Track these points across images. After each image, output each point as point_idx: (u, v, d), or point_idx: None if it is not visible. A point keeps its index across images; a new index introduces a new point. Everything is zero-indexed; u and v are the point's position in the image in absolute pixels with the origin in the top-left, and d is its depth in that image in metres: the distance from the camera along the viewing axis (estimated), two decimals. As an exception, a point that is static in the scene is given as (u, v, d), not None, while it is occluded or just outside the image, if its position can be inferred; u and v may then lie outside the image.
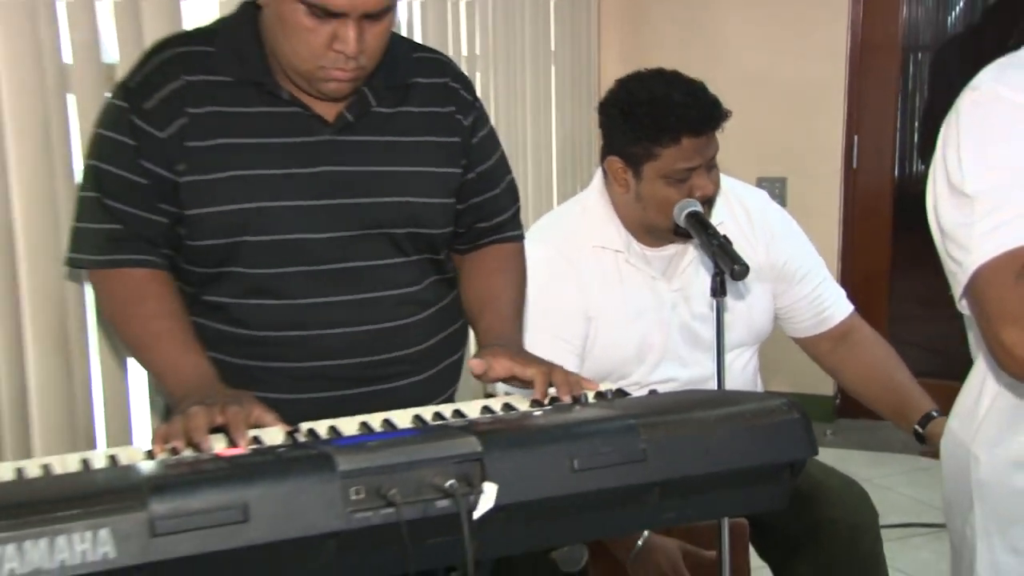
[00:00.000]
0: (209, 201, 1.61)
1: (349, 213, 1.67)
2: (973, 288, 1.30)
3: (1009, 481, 1.41)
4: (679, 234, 2.14)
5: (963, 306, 1.36)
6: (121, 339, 1.66)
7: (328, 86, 1.60)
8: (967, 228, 1.30)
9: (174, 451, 1.30)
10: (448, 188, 1.76)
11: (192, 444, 1.31)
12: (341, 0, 1.50)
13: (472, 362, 1.57)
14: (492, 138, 1.87)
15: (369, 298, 1.69)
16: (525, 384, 1.54)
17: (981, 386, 1.45)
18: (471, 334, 1.89)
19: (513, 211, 1.90)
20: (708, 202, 2.12)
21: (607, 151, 2.19)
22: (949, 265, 1.36)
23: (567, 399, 1.47)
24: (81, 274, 1.92)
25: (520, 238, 1.92)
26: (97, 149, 1.65)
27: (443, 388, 1.81)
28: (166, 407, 1.78)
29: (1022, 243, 1.25)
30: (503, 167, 1.89)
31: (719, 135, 2.15)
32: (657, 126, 2.07)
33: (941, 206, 1.36)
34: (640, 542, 2.02)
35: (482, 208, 1.84)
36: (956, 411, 1.51)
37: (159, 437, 1.34)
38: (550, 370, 1.52)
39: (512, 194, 1.90)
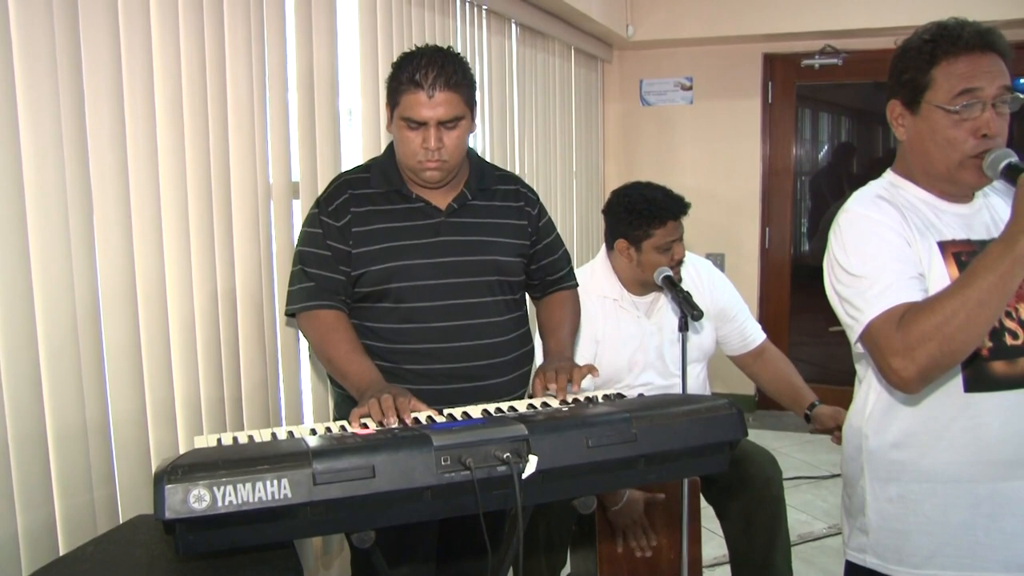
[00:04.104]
0: (370, 263, 1.62)
1: (457, 266, 1.66)
2: (867, 335, 1.27)
3: (886, 455, 1.38)
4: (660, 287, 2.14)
5: (858, 347, 1.33)
6: (319, 355, 1.65)
7: (425, 174, 1.62)
8: (860, 297, 1.29)
9: (381, 424, 1.31)
10: (519, 252, 1.75)
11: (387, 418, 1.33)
12: (421, 113, 1.55)
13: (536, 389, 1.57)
14: (550, 223, 1.86)
15: (472, 324, 1.66)
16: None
17: (866, 397, 1.41)
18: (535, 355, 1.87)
19: (568, 269, 1.89)
20: (680, 263, 2.11)
21: (614, 236, 2.17)
22: (847, 321, 1.33)
23: (577, 389, 1.46)
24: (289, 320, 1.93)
25: (575, 286, 1.90)
26: (302, 239, 1.69)
27: (518, 388, 1.76)
28: (338, 399, 1.79)
29: (896, 303, 1.24)
30: (559, 241, 1.88)
31: (685, 224, 2.16)
32: (652, 215, 2.09)
33: (837, 284, 1.34)
34: (623, 500, 2.00)
35: (548, 267, 1.83)
36: (852, 410, 1.47)
37: (356, 416, 1.35)
38: (569, 369, 1.52)
39: (566, 258, 1.89)
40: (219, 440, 1.24)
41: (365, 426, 1.31)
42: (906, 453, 1.35)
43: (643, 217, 2.09)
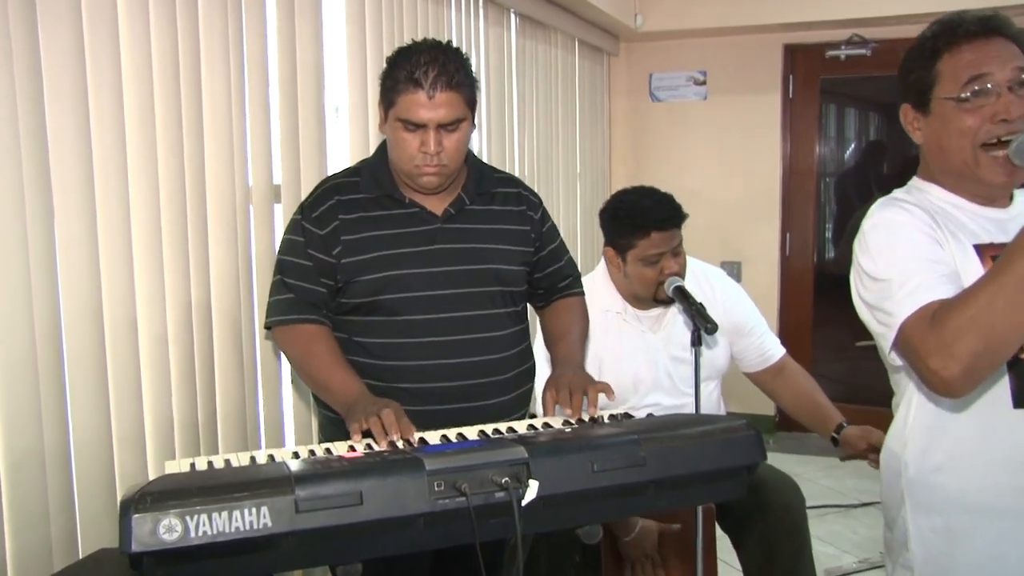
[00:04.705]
0: (360, 272, 1.63)
1: (455, 276, 1.67)
2: (901, 338, 1.26)
3: (928, 480, 1.36)
4: (657, 300, 2.15)
5: (893, 357, 1.31)
6: (299, 369, 1.67)
7: (422, 180, 1.63)
8: (889, 300, 1.28)
9: (391, 443, 1.33)
10: (521, 259, 1.76)
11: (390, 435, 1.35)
12: (421, 115, 1.56)
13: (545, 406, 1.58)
14: (554, 228, 1.89)
15: (471, 338, 1.67)
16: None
17: (905, 416, 1.40)
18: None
19: (575, 276, 1.92)
20: (672, 277, 2.11)
21: (605, 243, 2.21)
22: (877, 329, 1.33)
23: (586, 417, 1.46)
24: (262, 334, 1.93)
25: (583, 294, 1.93)
26: (282, 247, 1.71)
27: (518, 408, 1.77)
28: (323, 420, 1.79)
29: (926, 301, 1.23)
30: (563, 247, 1.91)
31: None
32: (633, 224, 2.10)
33: (865, 293, 1.34)
34: (636, 529, 2.00)
35: (554, 275, 1.86)
36: (890, 433, 1.46)
37: (357, 431, 1.37)
38: (583, 385, 1.53)
39: (572, 264, 1.92)
40: (192, 465, 1.24)
41: (352, 448, 1.32)
42: (950, 478, 1.34)
43: (624, 226, 2.12)
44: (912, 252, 1.28)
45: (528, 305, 1.89)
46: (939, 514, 1.35)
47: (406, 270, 1.64)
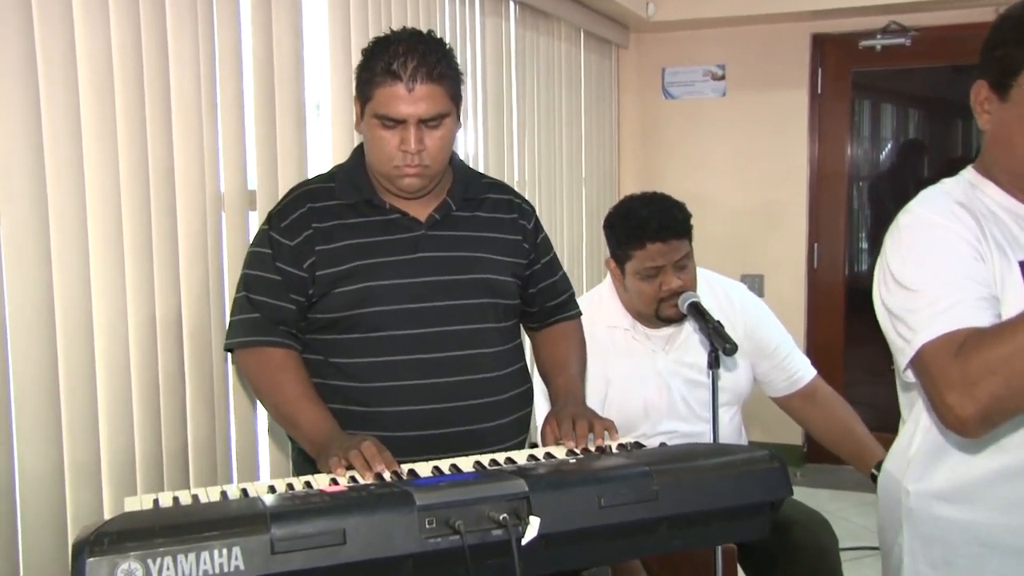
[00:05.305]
0: (338, 284, 1.64)
1: (442, 287, 1.68)
2: (919, 361, 1.25)
3: (930, 509, 1.37)
4: (660, 318, 2.15)
5: (907, 375, 1.31)
6: (264, 400, 1.67)
7: (403, 182, 1.64)
8: (913, 313, 1.27)
9: (377, 476, 1.35)
10: (513, 271, 1.77)
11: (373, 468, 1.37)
12: (400, 110, 1.57)
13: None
14: (548, 240, 1.90)
15: (462, 355, 1.68)
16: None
17: (911, 437, 1.41)
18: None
19: (570, 293, 1.93)
20: (674, 295, 2.11)
21: (608, 254, 2.24)
22: (896, 342, 1.32)
23: (592, 448, 1.47)
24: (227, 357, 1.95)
25: (578, 315, 1.94)
26: (248, 260, 1.71)
27: (517, 434, 1.77)
28: (296, 457, 1.78)
29: (957, 327, 1.22)
30: (557, 262, 1.92)
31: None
32: (628, 235, 2.13)
33: (888, 296, 1.33)
34: None
35: (548, 290, 1.87)
36: (891, 455, 1.47)
37: (337, 465, 1.39)
38: (588, 417, 1.56)
39: (567, 281, 1.93)
40: (156, 501, 1.24)
41: (335, 482, 1.32)
42: (956, 509, 1.34)
43: (621, 235, 2.15)
44: (950, 264, 1.27)
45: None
46: (939, 545, 1.36)
47: (387, 281, 1.64)
